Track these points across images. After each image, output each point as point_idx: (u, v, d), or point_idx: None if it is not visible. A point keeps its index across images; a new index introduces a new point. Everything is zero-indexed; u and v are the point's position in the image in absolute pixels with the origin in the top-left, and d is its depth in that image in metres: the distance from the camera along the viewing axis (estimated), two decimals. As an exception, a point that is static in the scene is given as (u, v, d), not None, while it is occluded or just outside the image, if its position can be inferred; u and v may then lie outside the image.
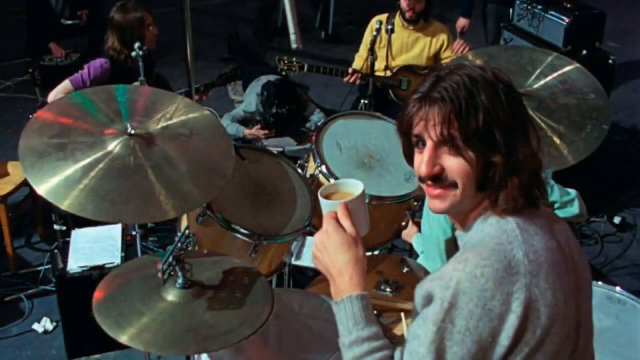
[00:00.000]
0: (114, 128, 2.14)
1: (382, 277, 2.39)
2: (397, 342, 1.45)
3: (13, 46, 6.40)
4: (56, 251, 3.24)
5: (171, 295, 1.92)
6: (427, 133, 1.36)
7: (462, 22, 5.26)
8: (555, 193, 2.59)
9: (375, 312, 1.45)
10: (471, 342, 1.25)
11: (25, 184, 3.77)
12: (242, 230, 2.28)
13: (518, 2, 4.88)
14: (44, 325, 3.46)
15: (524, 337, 1.26)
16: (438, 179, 1.37)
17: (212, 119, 2.35)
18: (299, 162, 2.75)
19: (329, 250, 1.45)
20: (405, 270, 2.46)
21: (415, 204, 2.64)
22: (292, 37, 3.12)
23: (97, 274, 3.05)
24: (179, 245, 1.92)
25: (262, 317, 1.89)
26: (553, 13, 4.58)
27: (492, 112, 1.32)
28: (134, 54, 3.42)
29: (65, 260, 3.13)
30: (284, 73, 4.47)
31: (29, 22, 6.09)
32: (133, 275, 2.03)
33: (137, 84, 3.38)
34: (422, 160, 1.37)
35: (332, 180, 2.50)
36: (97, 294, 1.93)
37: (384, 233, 2.71)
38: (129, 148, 2.09)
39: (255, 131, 4.86)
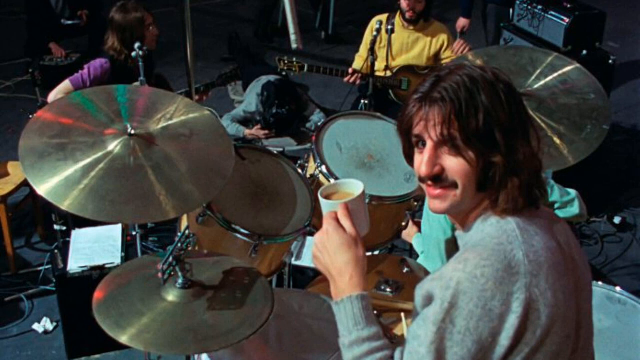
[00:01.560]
0: (114, 128, 2.14)
1: (382, 277, 2.40)
2: (397, 342, 1.45)
3: (13, 46, 6.41)
4: (56, 251, 3.24)
5: (171, 295, 1.91)
6: (427, 133, 1.36)
7: (462, 22, 5.26)
8: (555, 193, 2.59)
9: (375, 312, 1.45)
10: (471, 342, 1.25)
11: (25, 184, 3.77)
12: (242, 230, 2.28)
13: (518, 2, 4.88)
14: (44, 325, 3.46)
15: (524, 337, 1.26)
16: (438, 179, 1.37)
17: (212, 119, 2.35)
18: (299, 162, 2.74)
19: (329, 250, 1.45)
20: (405, 270, 2.46)
21: (415, 204, 2.64)
22: (292, 37, 3.12)
23: (97, 274, 3.06)
24: (179, 245, 1.91)
25: (262, 317, 1.88)
26: (553, 13, 4.58)
27: (492, 112, 1.32)
28: (134, 54, 3.42)
29: (65, 260, 3.13)
30: (284, 73, 4.47)
31: (29, 22, 6.10)
32: (133, 275, 2.02)
33: (137, 84, 3.38)
34: (422, 160, 1.37)
35: (332, 180, 2.50)
36: (97, 294, 1.93)
37: (384, 233, 2.71)
38: (129, 148, 2.09)
39: (255, 131, 4.87)
